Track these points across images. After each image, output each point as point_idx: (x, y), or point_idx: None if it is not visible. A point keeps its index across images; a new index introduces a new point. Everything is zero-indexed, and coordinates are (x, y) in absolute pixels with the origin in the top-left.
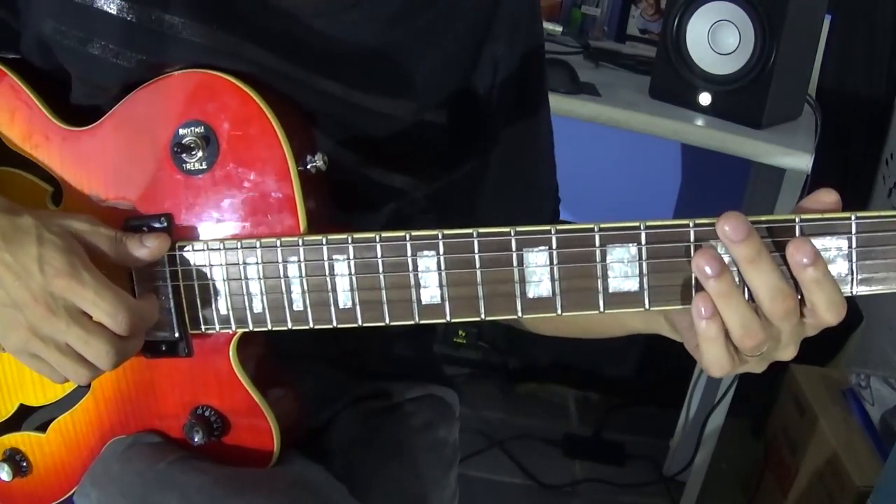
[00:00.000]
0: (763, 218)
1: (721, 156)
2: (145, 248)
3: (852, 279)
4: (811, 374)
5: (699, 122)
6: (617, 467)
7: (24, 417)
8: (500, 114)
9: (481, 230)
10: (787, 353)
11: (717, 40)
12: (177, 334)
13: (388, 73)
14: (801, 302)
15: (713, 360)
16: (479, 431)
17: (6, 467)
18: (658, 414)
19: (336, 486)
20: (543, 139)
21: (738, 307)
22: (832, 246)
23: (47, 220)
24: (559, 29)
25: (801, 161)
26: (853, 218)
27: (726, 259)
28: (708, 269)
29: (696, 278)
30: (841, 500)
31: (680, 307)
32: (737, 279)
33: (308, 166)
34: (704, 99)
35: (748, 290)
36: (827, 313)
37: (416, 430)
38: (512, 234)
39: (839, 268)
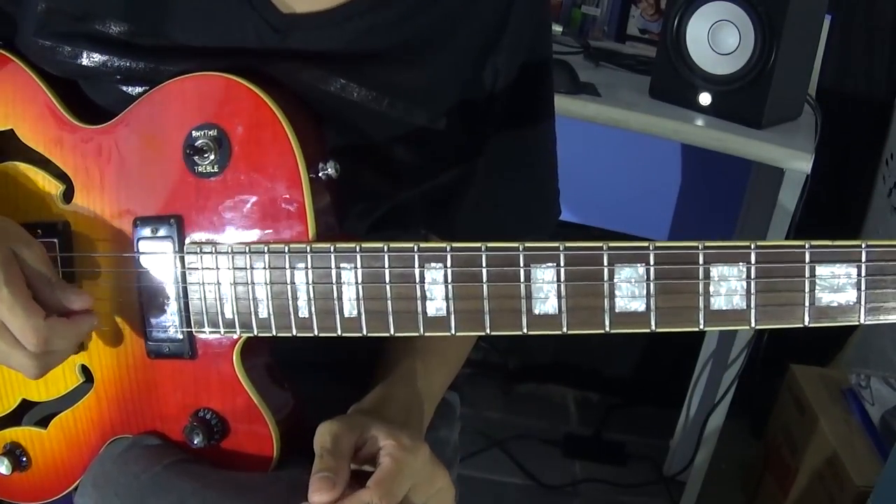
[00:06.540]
0: None
1: (721, 156)
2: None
3: (861, 308)
4: (811, 374)
5: (699, 122)
6: (617, 467)
7: (25, 412)
8: (497, 121)
9: (489, 244)
10: None
11: (717, 40)
12: (181, 336)
13: (388, 78)
14: None
15: None
16: (479, 431)
17: (6, 461)
18: (658, 414)
19: None
20: (544, 147)
21: None
22: (842, 273)
23: None
24: (559, 29)
25: (801, 161)
26: (864, 246)
27: None
28: None
29: None
30: (841, 500)
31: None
32: None
33: (320, 174)
34: (704, 99)
35: None
36: None
37: None
38: (520, 249)
39: (848, 296)
